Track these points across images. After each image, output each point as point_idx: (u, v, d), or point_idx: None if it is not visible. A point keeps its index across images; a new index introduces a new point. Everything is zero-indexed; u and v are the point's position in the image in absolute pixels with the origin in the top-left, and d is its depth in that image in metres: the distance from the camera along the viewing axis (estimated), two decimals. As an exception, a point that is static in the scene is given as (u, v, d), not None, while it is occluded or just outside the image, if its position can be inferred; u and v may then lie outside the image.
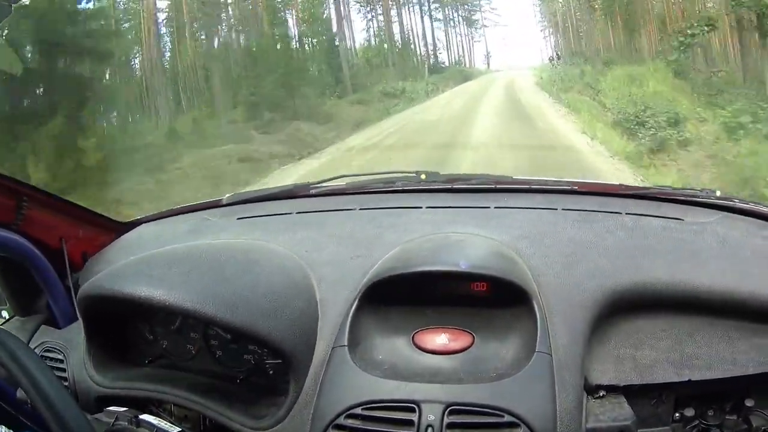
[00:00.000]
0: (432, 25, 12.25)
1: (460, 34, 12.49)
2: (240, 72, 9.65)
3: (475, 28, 12.44)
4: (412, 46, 12.14)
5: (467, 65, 12.73)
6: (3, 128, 6.40)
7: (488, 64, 12.77)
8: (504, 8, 13.37)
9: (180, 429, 0.81)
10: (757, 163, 5.35)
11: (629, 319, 0.87)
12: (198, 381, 0.91)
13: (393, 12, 11.87)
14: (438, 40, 12.34)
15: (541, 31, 12.13)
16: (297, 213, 1.19)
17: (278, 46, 10.23)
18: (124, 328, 0.98)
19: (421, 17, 12.20)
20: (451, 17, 12.38)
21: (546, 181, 1.26)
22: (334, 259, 0.97)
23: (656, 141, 6.73)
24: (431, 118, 9.53)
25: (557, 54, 11.53)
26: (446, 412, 0.73)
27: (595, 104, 8.47)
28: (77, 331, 1.01)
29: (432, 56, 12.50)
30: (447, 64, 12.44)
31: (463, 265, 0.86)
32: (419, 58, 12.30)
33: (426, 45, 12.31)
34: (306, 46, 11.03)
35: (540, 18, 11.93)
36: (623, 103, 7.67)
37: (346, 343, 0.82)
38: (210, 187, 6.27)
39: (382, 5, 11.61)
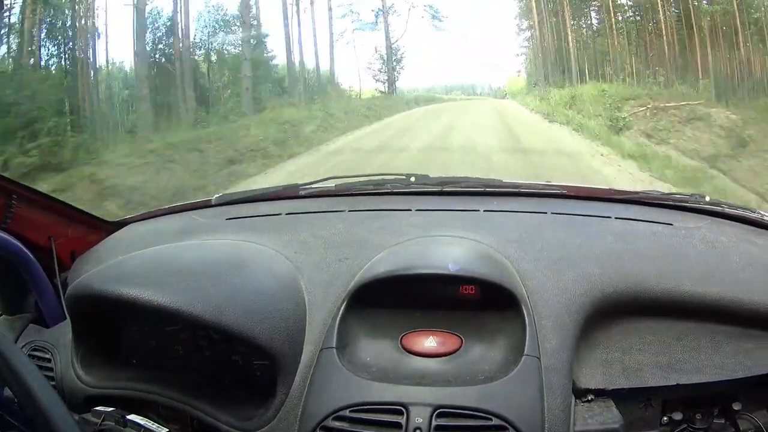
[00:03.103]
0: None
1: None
2: None
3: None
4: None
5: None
6: None
7: (390, 82, 5.57)
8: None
9: (167, 429, 0.81)
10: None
11: (618, 323, 0.88)
12: (186, 381, 0.91)
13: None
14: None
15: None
16: (286, 214, 1.19)
17: None
18: (112, 328, 0.98)
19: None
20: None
21: (536, 184, 1.26)
22: (322, 261, 0.97)
23: None
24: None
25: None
26: (434, 415, 0.73)
27: None
28: (65, 331, 1.00)
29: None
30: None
31: (452, 268, 0.87)
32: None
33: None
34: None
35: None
36: None
37: (334, 345, 0.82)
38: None
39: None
